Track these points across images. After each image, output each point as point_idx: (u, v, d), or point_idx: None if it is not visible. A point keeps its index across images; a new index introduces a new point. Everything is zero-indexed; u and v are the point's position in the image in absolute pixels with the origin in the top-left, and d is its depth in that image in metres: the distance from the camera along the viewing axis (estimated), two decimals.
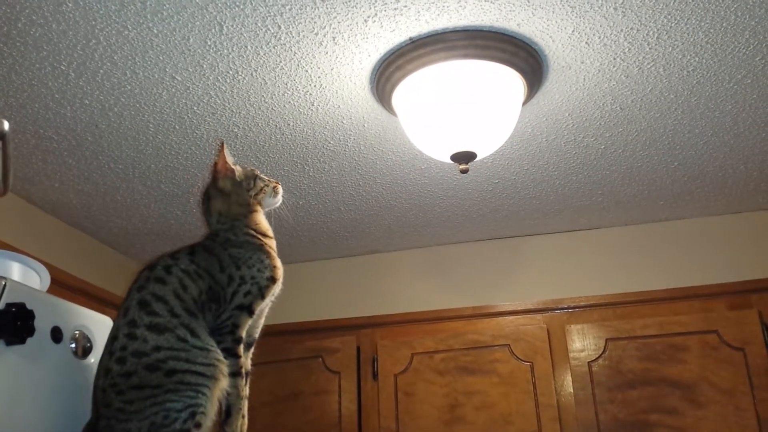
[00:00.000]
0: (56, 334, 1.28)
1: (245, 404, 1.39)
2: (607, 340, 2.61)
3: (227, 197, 1.51)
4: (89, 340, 1.38)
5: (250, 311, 1.40)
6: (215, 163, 1.56)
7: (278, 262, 1.48)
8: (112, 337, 1.30)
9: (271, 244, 1.50)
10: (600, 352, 2.60)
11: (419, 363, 2.75)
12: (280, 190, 1.59)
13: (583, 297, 2.74)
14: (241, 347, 1.38)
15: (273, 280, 1.44)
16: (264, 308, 1.47)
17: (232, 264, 1.40)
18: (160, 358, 1.27)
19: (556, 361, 2.64)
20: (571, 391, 2.58)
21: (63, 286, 2.45)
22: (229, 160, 1.54)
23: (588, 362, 2.59)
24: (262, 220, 1.53)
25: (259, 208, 1.53)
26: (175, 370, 1.27)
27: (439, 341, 2.76)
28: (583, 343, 2.63)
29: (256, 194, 1.53)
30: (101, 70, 1.88)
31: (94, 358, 1.37)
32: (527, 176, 2.54)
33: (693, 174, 2.55)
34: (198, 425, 1.27)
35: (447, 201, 2.71)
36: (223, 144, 1.54)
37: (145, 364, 1.26)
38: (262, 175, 1.57)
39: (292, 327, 2.90)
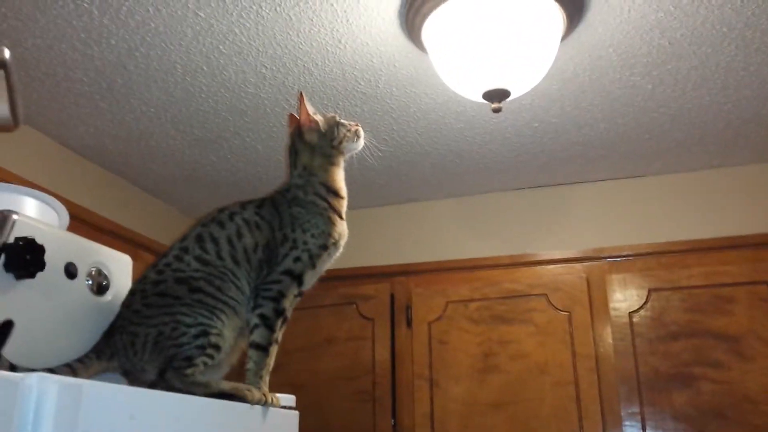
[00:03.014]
0: (70, 270, 1.26)
1: (267, 378, 1.35)
2: (649, 291, 2.51)
3: (313, 149, 1.50)
4: (106, 278, 1.36)
5: (300, 281, 1.38)
6: (291, 116, 1.55)
7: (339, 228, 1.44)
8: (162, 255, 1.35)
9: (340, 204, 1.48)
10: (642, 303, 2.50)
11: (453, 311, 2.70)
12: (362, 132, 1.56)
13: (626, 246, 2.63)
14: (280, 322, 1.35)
15: (325, 248, 1.41)
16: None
17: (289, 224, 1.40)
18: (194, 276, 1.29)
19: (595, 311, 2.55)
20: (611, 342, 2.51)
21: (99, 230, 2.47)
22: (310, 110, 1.52)
23: (629, 313, 2.50)
24: (339, 176, 1.51)
25: (340, 159, 1.52)
26: (201, 289, 1.28)
27: (474, 290, 2.71)
28: (624, 293, 2.54)
29: (339, 143, 1.51)
30: (124, 7, 1.84)
31: (111, 296, 1.36)
32: (569, 119, 2.42)
33: (747, 116, 2.39)
34: (216, 347, 1.26)
35: (485, 147, 2.62)
36: (302, 95, 1.52)
37: (177, 277, 1.29)
38: (343, 121, 1.55)
39: (326, 273, 2.87)
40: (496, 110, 1.81)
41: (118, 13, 1.86)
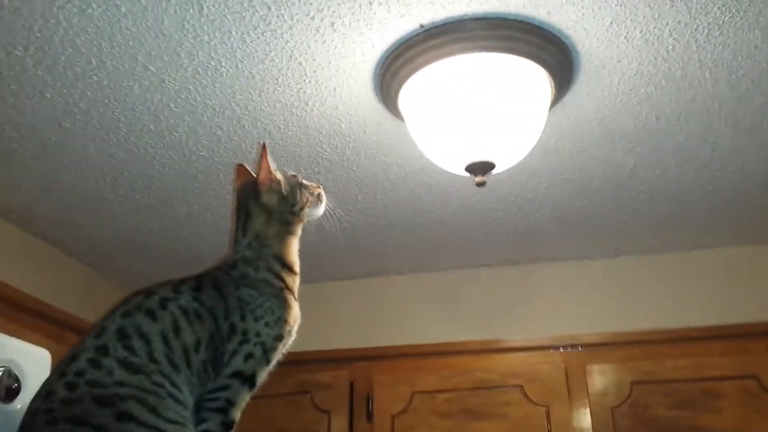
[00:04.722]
0: None
1: None
2: (632, 384, 2.33)
3: (270, 215, 1.27)
4: (17, 380, 1.11)
5: (252, 383, 1.15)
6: (241, 168, 1.37)
7: (294, 311, 1.23)
8: (71, 357, 1.05)
9: (294, 282, 1.27)
10: (624, 397, 2.31)
11: (420, 403, 2.45)
12: (324, 197, 1.36)
13: (606, 333, 2.46)
14: None
15: (281, 338, 1.19)
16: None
17: (237, 310, 1.16)
18: (120, 393, 1.00)
19: (574, 405, 2.35)
20: None
21: (17, 307, 2.17)
22: (272, 166, 1.29)
23: (611, 408, 2.31)
24: (294, 248, 1.30)
25: (299, 228, 1.31)
26: (131, 415, 0.99)
27: (442, 379, 2.48)
28: (605, 385, 2.35)
29: (301, 209, 1.30)
30: (63, 57, 1.62)
31: (21, 403, 1.09)
32: (546, 195, 2.28)
33: (728, 197, 2.29)
34: None
35: (455, 221, 2.45)
36: (265, 147, 1.29)
37: (96, 395, 0.99)
38: (305, 182, 1.34)
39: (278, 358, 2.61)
40: (480, 184, 1.64)
41: (55, 63, 1.63)
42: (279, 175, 1.31)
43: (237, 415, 1.15)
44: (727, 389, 2.25)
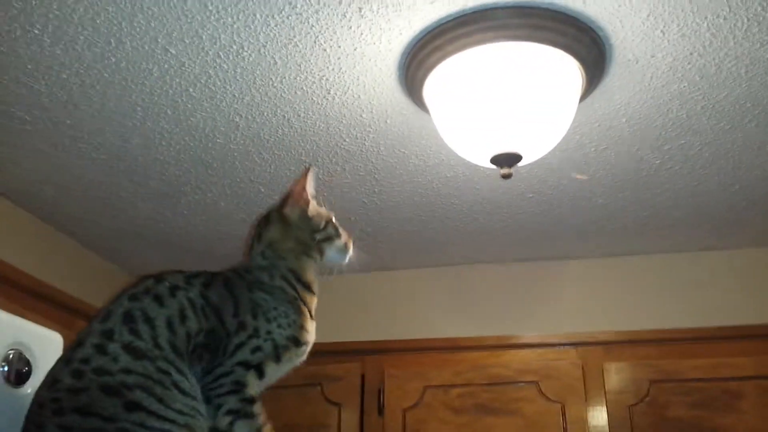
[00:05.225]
0: None
1: None
2: (650, 382, 2.29)
3: (288, 228, 1.25)
4: (28, 363, 1.08)
5: (260, 371, 1.12)
6: (291, 187, 1.33)
7: (310, 324, 1.21)
8: (77, 343, 1.04)
9: (311, 300, 1.24)
10: (642, 396, 2.28)
11: (432, 398, 2.42)
12: (351, 247, 1.33)
13: (623, 331, 2.42)
14: (257, 406, 1.10)
15: (295, 340, 1.16)
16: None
17: (249, 310, 1.14)
18: (126, 382, 0.99)
19: (591, 403, 2.31)
20: None
21: (28, 292, 2.13)
22: (309, 189, 1.28)
23: (628, 406, 2.27)
24: (311, 269, 1.26)
25: (316, 257, 1.27)
26: (140, 405, 0.98)
27: (456, 374, 2.44)
28: (622, 384, 2.31)
29: (322, 240, 1.27)
30: (81, 37, 1.57)
31: (32, 388, 1.06)
32: (566, 191, 2.24)
33: (752, 198, 2.25)
34: None
35: (473, 215, 2.40)
36: (309, 169, 1.29)
37: (103, 384, 0.98)
38: (337, 223, 1.32)
39: None
40: (506, 176, 1.60)
41: (73, 43, 1.59)
42: (312, 200, 1.31)
43: (254, 391, 1.12)
44: (747, 389, 2.22)
